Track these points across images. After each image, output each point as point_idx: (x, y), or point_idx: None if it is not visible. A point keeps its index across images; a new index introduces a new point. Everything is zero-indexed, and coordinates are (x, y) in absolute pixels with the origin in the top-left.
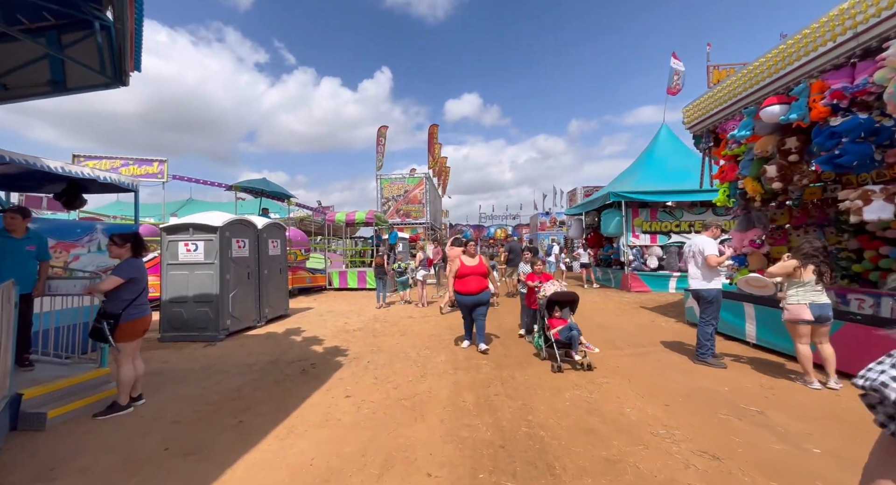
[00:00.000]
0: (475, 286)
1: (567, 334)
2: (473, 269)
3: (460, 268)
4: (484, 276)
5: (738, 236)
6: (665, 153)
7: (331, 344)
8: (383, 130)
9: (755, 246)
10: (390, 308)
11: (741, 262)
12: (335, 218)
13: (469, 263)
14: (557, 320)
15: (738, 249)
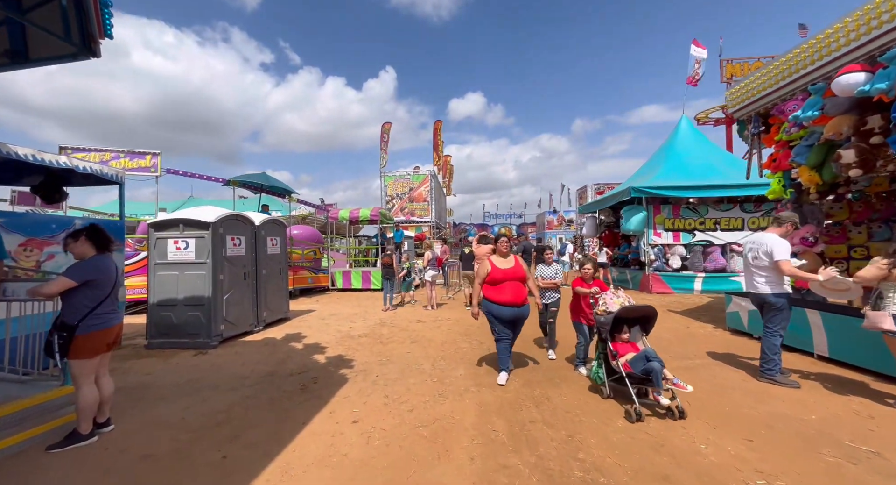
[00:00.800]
0: (513, 295)
1: (643, 366)
2: (508, 272)
3: (491, 271)
4: (523, 281)
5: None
6: (686, 146)
7: (334, 353)
8: (387, 127)
9: (808, 244)
10: (397, 311)
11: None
12: (338, 215)
13: (502, 266)
14: (625, 345)
15: None
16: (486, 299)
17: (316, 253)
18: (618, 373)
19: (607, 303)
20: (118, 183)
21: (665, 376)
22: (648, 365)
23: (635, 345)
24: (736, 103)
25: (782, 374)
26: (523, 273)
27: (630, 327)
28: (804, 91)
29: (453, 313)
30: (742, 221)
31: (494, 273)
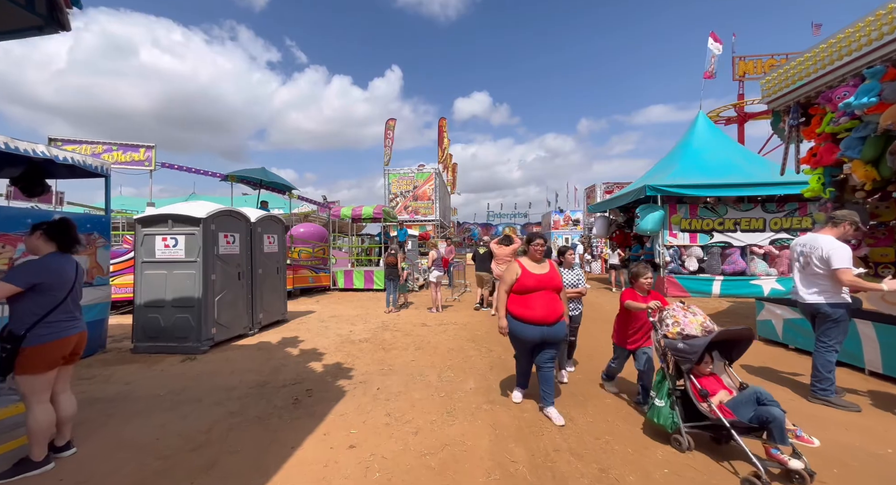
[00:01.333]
0: (545, 310)
1: (755, 412)
2: (542, 279)
3: (521, 277)
4: (558, 292)
5: None
6: (704, 143)
7: (332, 360)
8: (391, 124)
9: (850, 247)
10: (400, 313)
11: None
12: (340, 213)
13: (536, 271)
14: (710, 379)
15: None
16: (509, 313)
17: (324, 252)
18: (707, 419)
19: (681, 323)
20: (103, 175)
21: (788, 427)
22: (764, 411)
23: (720, 379)
24: (773, 91)
25: (837, 394)
26: (559, 282)
27: (710, 354)
28: (856, 76)
29: (459, 316)
30: (763, 221)
31: (525, 279)
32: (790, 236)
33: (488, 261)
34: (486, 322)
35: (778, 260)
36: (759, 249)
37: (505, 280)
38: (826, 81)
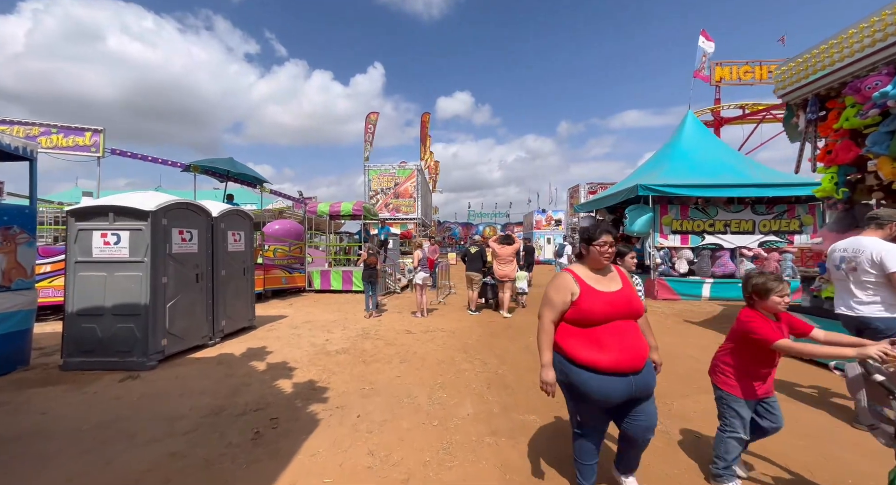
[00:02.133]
0: (629, 351)
1: None
2: (616, 302)
3: (582, 298)
4: (637, 318)
5: (833, 238)
6: (693, 144)
7: (304, 376)
8: (373, 117)
9: None
10: (382, 318)
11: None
12: (317, 209)
13: (603, 288)
14: None
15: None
16: (566, 358)
17: (301, 250)
18: None
19: None
20: (27, 158)
21: None
22: None
23: None
24: (789, 83)
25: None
26: (640, 304)
27: None
28: (889, 63)
29: (446, 322)
30: (753, 223)
31: (589, 302)
32: (779, 239)
33: (480, 261)
34: (477, 329)
35: (766, 263)
36: (749, 251)
37: (551, 303)
38: (853, 71)
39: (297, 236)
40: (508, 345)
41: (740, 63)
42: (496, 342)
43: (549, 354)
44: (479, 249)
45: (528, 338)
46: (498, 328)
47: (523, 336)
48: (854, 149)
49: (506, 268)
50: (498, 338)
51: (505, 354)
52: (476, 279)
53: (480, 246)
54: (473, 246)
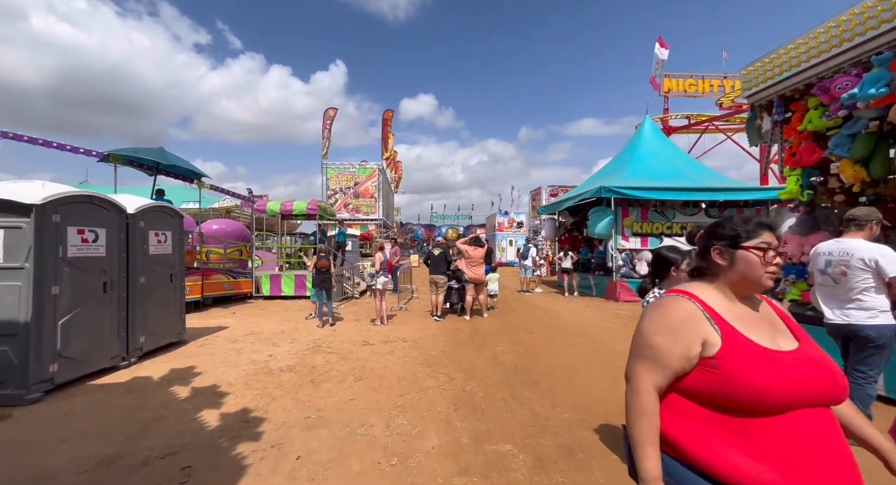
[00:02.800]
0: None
1: None
2: (803, 367)
3: (725, 355)
4: (839, 399)
5: (796, 241)
6: (651, 148)
7: (237, 404)
8: (331, 113)
9: None
10: (337, 327)
11: (799, 273)
12: (267, 208)
13: (770, 342)
14: None
15: (794, 257)
16: (689, 465)
17: (242, 253)
18: None
19: None
20: None
21: None
22: None
23: None
24: (755, 84)
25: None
26: (843, 378)
27: None
28: (856, 64)
29: (408, 330)
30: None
31: (748, 366)
32: None
33: (444, 263)
34: (441, 337)
35: None
36: None
37: (656, 355)
38: (818, 72)
39: (240, 238)
40: (475, 356)
41: (686, 76)
42: (462, 353)
43: (654, 458)
44: (444, 251)
45: (495, 346)
46: (463, 336)
47: (490, 344)
48: (818, 151)
49: (478, 270)
50: (464, 348)
51: (472, 368)
52: (441, 283)
53: (444, 248)
54: (437, 248)
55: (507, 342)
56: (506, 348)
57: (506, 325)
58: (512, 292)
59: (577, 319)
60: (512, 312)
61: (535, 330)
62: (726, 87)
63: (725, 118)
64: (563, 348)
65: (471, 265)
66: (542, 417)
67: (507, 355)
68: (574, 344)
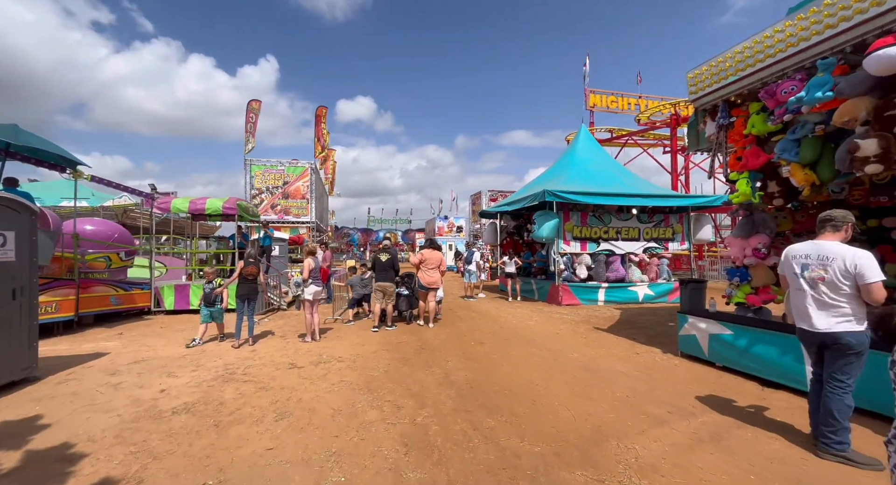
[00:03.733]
0: None
1: None
2: None
3: None
4: None
5: (738, 244)
6: (587, 155)
7: (94, 474)
8: (255, 105)
9: (760, 256)
10: (258, 346)
11: (743, 276)
12: (171, 206)
13: None
14: None
15: (737, 260)
16: None
17: (111, 260)
18: None
19: None
20: None
21: None
22: None
23: None
24: (700, 87)
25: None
26: None
27: None
28: (799, 69)
29: (345, 346)
30: (638, 231)
31: None
32: (657, 246)
33: (392, 269)
34: (384, 354)
35: (648, 267)
36: (636, 256)
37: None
38: (763, 77)
39: (121, 240)
40: (424, 376)
41: (608, 93)
42: (409, 373)
43: None
44: (391, 257)
45: (445, 362)
46: (409, 351)
47: (440, 360)
48: (762, 155)
49: (433, 274)
50: (410, 365)
51: (422, 392)
52: (389, 291)
53: (392, 251)
54: (384, 253)
55: (458, 357)
56: (457, 364)
57: (454, 335)
58: (455, 298)
59: (525, 326)
60: (458, 320)
61: (485, 340)
62: (641, 105)
63: (641, 134)
64: (517, 361)
65: (427, 269)
66: (511, 453)
67: (460, 372)
68: (528, 355)
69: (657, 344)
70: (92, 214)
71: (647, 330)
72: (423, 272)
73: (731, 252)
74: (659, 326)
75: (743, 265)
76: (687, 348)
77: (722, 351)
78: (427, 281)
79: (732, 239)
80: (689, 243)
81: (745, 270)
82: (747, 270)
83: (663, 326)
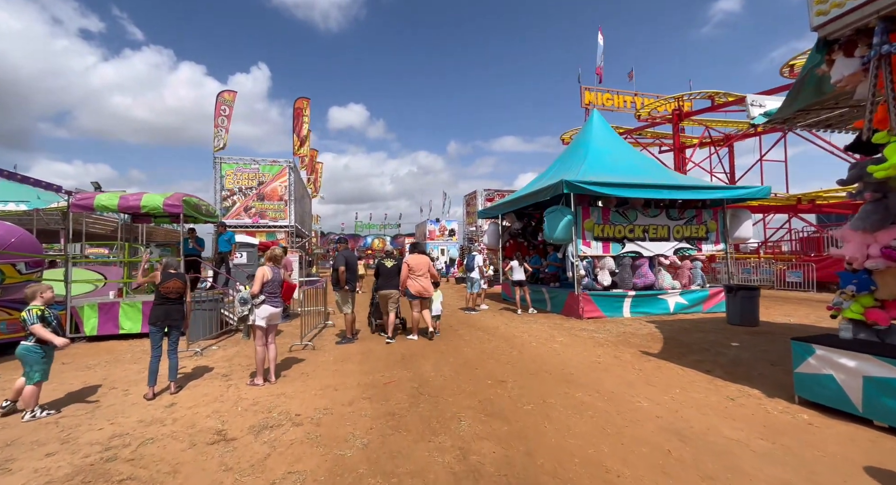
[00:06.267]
0: None
1: None
2: None
3: None
4: None
5: (858, 239)
6: (603, 143)
7: None
8: (227, 96)
9: (894, 257)
10: (181, 395)
11: (863, 284)
12: (93, 203)
13: None
14: None
15: (856, 262)
16: None
17: (3, 273)
18: None
19: None
20: None
21: None
22: None
23: None
24: (839, 1)
25: None
26: None
27: None
28: None
29: (309, 392)
30: (668, 229)
31: None
32: (689, 246)
33: (397, 276)
34: (365, 405)
35: (680, 272)
36: (665, 259)
37: None
38: None
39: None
40: (429, 456)
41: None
42: (403, 449)
43: None
44: (396, 263)
45: (458, 422)
46: (402, 398)
47: (449, 417)
48: None
49: (423, 282)
50: (405, 431)
51: None
52: (395, 297)
53: (397, 258)
54: (389, 259)
55: (474, 410)
56: (476, 426)
57: (461, 367)
58: (454, 311)
59: (550, 350)
60: (462, 343)
61: (505, 376)
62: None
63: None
64: (564, 417)
65: (415, 276)
66: None
67: (484, 445)
68: (576, 405)
69: (744, 379)
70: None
71: (711, 355)
72: (411, 280)
73: (847, 250)
74: (721, 348)
75: (864, 269)
76: (814, 394)
77: (886, 402)
78: (416, 289)
79: (850, 232)
80: (724, 243)
81: (868, 275)
82: (870, 276)
83: (725, 346)
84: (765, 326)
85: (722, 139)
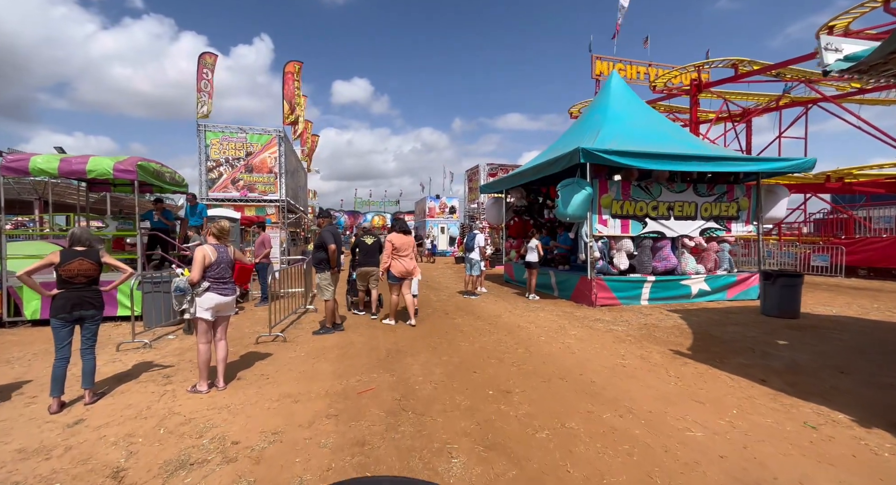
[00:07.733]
0: None
1: None
2: None
3: None
4: None
5: None
6: (623, 108)
7: None
8: (209, 59)
9: None
10: (96, 407)
11: None
12: (28, 166)
13: None
14: None
15: None
16: None
17: None
18: None
19: None
20: None
21: None
22: None
23: None
24: None
25: None
26: None
27: None
28: None
29: (263, 404)
30: (695, 206)
31: None
32: (718, 226)
33: (378, 253)
34: (328, 427)
35: (705, 255)
36: (690, 240)
37: None
38: None
39: None
40: None
41: (615, 60)
42: None
43: None
44: (377, 239)
45: (450, 460)
46: (376, 419)
47: (438, 450)
48: None
49: (408, 263)
50: (373, 470)
51: None
52: (375, 274)
53: (377, 234)
54: (368, 235)
55: (471, 439)
56: (473, 470)
57: (456, 370)
58: (452, 295)
59: (564, 348)
60: (460, 336)
61: (512, 384)
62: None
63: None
64: (591, 454)
65: (399, 256)
66: None
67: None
68: (605, 433)
69: (816, 395)
70: None
71: (758, 356)
72: (396, 261)
73: None
74: (766, 347)
75: None
76: None
77: None
78: (401, 270)
79: None
80: (754, 223)
81: None
82: None
83: (771, 345)
84: (805, 318)
85: (740, 114)
